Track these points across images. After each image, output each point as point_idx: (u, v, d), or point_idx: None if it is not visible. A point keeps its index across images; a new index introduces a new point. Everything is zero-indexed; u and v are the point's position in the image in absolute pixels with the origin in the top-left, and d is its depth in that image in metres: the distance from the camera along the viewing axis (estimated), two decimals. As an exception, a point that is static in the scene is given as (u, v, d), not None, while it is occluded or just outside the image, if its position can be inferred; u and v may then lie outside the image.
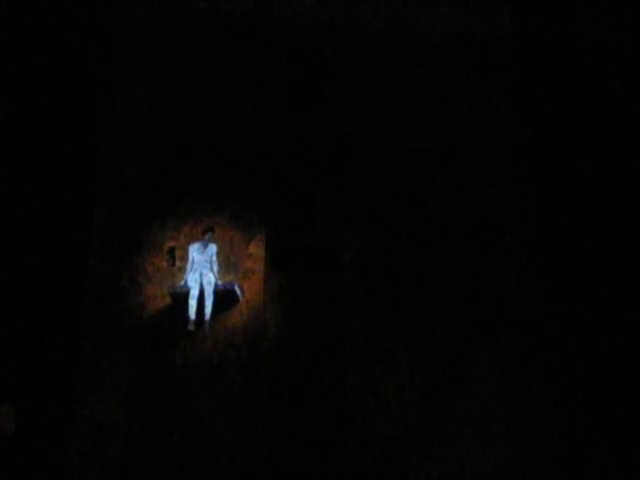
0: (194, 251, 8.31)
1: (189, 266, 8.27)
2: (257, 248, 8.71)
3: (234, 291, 8.27)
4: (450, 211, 8.89)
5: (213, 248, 8.33)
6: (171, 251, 8.69)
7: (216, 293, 8.17)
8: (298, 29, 9.81)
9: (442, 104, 9.40)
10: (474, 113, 9.37)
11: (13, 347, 8.56)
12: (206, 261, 8.25)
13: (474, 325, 8.37)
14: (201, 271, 8.20)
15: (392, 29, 9.78)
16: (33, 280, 8.84)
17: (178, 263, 8.59)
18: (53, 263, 8.95)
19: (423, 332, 8.33)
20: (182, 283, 8.25)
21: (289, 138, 9.25)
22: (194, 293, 8.11)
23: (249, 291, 8.51)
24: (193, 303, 8.09)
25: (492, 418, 7.98)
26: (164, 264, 8.66)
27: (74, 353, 8.35)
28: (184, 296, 8.15)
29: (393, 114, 9.32)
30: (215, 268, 8.26)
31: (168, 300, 8.41)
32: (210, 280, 8.18)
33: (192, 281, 8.16)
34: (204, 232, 8.37)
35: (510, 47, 9.72)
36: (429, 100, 9.28)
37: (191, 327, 8.10)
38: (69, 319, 8.59)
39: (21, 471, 8.03)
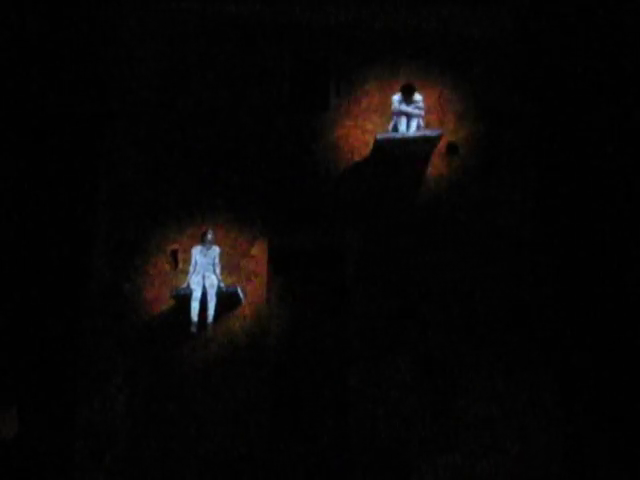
0: (197, 253, 8.34)
1: (192, 268, 8.29)
2: (260, 250, 8.73)
3: (237, 293, 8.28)
4: (453, 212, 8.90)
5: (216, 250, 8.37)
6: (174, 253, 8.71)
7: (219, 295, 8.18)
8: (302, 31, 9.84)
9: (444, 104, 9.40)
10: (476, 114, 9.39)
11: (15, 349, 8.57)
12: (209, 263, 8.28)
13: (477, 328, 8.36)
14: (204, 273, 8.23)
15: (395, 30, 9.82)
16: (35, 282, 8.85)
17: (181, 265, 8.61)
18: (55, 265, 8.96)
19: (426, 335, 8.32)
20: (185, 285, 8.26)
21: (292, 140, 9.28)
22: (197, 295, 8.11)
23: (252, 293, 8.51)
24: (196, 305, 8.10)
25: (495, 423, 7.96)
26: (167, 266, 8.67)
27: (76, 355, 8.36)
28: (187, 298, 8.16)
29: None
30: (218, 270, 8.29)
31: (171, 302, 8.42)
32: (213, 282, 8.20)
33: (195, 283, 8.17)
34: (203, 234, 8.40)
35: (512, 49, 9.75)
36: (431, 102, 9.28)
37: (194, 329, 8.10)
38: (71, 321, 8.60)
39: (23, 474, 8.03)
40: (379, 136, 8.83)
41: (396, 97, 8.92)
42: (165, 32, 9.84)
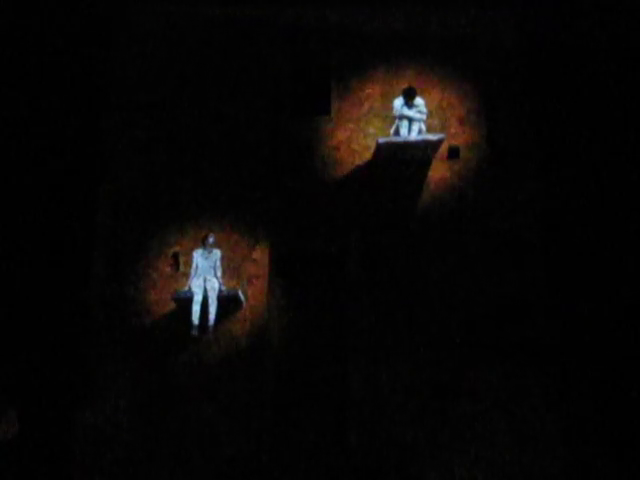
0: (198, 256, 8.35)
1: (193, 271, 8.29)
2: (261, 254, 8.74)
3: (238, 296, 8.29)
4: (454, 216, 8.90)
5: (217, 254, 8.37)
6: (175, 256, 8.72)
7: (220, 298, 8.19)
8: (303, 35, 9.84)
9: (445, 108, 9.40)
10: (478, 118, 9.39)
11: (16, 351, 8.57)
12: (210, 267, 8.28)
13: (478, 330, 8.36)
14: (205, 276, 8.23)
15: (396, 33, 9.81)
16: (37, 284, 8.85)
17: (182, 268, 8.62)
18: (57, 268, 8.96)
19: (427, 338, 8.33)
20: (186, 288, 8.26)
21: (293, 144, 9.28)
22: (198, 298, 8.12)
23: (253, 297, 8.53)
24: (197, 308, 8.10)
25: (495, 424, 7.97)
26: (168, 269, 8.68)
27: (78, 358, 8.37)
28: (188, 301, 8.16)
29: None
30: (219, 274, 8.29)
31: (172, 305, 8.43)
32: (214, 285, 8.21)
33: (196, 286, 8.18)
34: (204, 238, 8.41)
35: (514, 52, 9.74)
36: (432, 105, 9.28)
37: (195, 332, 8.10)
38: (73, 324, 8.61)
39: (23, 475, 8.03)
40: (381, 140, 8.83)
41: (398, 101, 8.91)
42: (165, 34, 9.84)
